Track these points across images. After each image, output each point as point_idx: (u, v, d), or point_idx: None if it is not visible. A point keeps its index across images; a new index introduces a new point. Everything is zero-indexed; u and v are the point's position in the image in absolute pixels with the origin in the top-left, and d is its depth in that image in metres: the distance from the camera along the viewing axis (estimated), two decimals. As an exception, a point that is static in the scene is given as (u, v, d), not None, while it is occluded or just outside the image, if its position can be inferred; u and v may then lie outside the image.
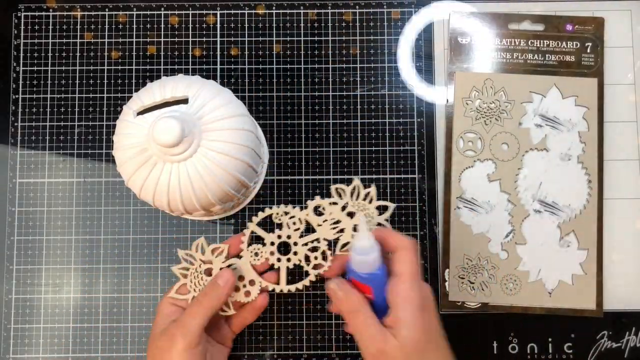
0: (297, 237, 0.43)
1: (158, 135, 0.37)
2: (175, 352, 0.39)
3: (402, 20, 0.53)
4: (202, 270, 0.43)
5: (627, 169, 0.51)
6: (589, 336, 0.50)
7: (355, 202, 0.43)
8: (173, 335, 0.39)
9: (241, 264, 0.43)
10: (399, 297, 0.37)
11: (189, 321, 0.40)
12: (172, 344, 0.39)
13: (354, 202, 0.43)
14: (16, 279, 0.50)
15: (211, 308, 0.40)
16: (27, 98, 0.52)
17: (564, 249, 0.50)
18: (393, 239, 0.38)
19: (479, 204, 0.50)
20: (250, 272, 0.43)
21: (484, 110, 0.51)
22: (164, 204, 0.40)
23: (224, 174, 0.40)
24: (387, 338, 0.36)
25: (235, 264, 0.43)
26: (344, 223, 0.43)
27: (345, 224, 0.43)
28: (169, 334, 0.40)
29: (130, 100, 0.42)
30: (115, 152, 0.41)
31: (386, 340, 0.36)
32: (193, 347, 0.39)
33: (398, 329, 0.36)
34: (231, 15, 0.53)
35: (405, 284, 0.37)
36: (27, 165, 0.51)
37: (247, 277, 0.43)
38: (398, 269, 0.37)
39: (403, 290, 0.37)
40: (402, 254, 0.38)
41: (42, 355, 0.50)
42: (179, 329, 0.39)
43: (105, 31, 0.53)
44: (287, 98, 0.52)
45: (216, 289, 0.41)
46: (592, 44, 0.51)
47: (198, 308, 0.40)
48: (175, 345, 0.39)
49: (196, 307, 0.40)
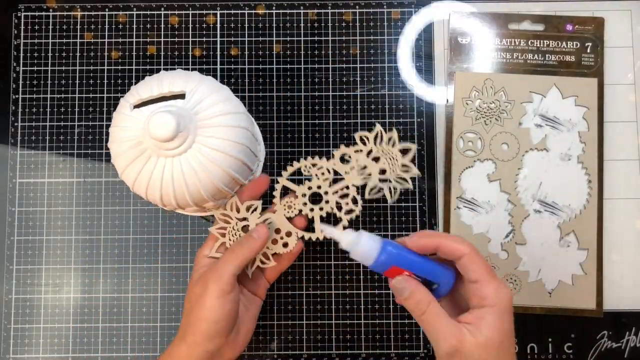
0: (326, 186, 0.45)
1: (153, 129, 0.37)
2: (209, 298, 0.40)
3: (402, 20, 0.53)
4: (240, 228, 0.45)
5: (627, 169, 0.51)
6: (589, 336, 0.50)
7: (379, 147, 0.45)
8: (206, 280, 0.41)
9: (275, 218, 0.45)
10: (487, 299, 0.36)
11: (222, 267, 0.41)
12: (205, 289, 0.40)
13: (378, 147, 0.45)
14: (16, 279, 0.50)
15: (244, 257, 0.42)
16: (27, 98, 0.52)
17: (564, 249, 0.50)
18: (449, 247, 0.38)
19: (479, 204, 0.50)
20: (286, 224, 0.45)
21: (484, 110, 0.51)
22: (157, 198, 0.41)
23: (218, 170, 0.40)
24: (463, 334, 0.36)
25: (271, 218, 0.45)
26: (370, 168, 0.45)
27: (371, 168, 0.45)
28: (203, 279, 0.41)
29: (127, 93, 0.42)
30: (110, 144, 0.41)
31: (463, 336, 0.36)
32: (226, 294, 0.40)
33: (479, 327, 0.36)
34: (231, 15, 0.53)
35: (492, 284, 0.37)
36: (27, 165, 0.51)
37: (283, 229, 0.45)
38: (472, 276, 0.37)
39: (491, 290, 0.37)
40: (468, 259, 0.37)
41: (42, 355, 0.50)
42: (213, 274, 0.41)
43: (105, 31, 0.53)
44: (287, 98, 0.52)
45: (251, 241, 0.42)
46: (592, 44, 0.51)
47: (231, 256, 0.42)
48: (208, 291, 0.40)
49: (229, 255, 0.42)
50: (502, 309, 0.36)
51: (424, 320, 0.38)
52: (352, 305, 0.50)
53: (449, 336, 0.36)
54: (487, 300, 0.36)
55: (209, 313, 0.40)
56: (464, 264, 0.37)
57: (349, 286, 0.50)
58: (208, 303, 0.40)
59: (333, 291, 0.50)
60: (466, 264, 0.37)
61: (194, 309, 0.41)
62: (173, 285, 0.50)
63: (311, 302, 0.50)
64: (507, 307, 0.37)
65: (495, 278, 0.37)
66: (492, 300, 0.36)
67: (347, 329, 0.50)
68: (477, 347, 0.36)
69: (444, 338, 0.36)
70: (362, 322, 0.50)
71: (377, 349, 0.50)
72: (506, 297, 0.37)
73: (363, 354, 0.50)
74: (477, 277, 0.37)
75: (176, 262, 0.51)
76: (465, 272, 0.37)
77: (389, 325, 0.50)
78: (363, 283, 0.50)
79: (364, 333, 0.50)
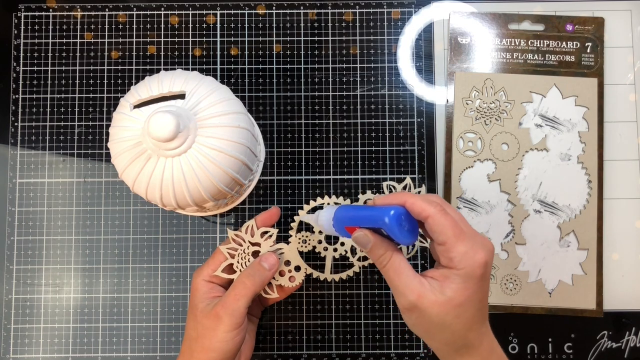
0: None
1: (153, 129, 0.37)
2: (221, 331, 0.41)
3: (402, 20, 0.53)
4: (250, 252, 0.45)
5: (627, 169, 0.51)
6: (589, 336, 0.50)
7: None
8: (219, 316, 0.41)
9: (288, 250, 0.45)
10: (453, 261, 0.35)
11: (234, 303, 0.41)
12: (218, 324, 0.41)
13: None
14: (16, 279, 0.50)
15: (254, 290, 0.42)
16: (27, 98, 0.52)
17: (564, 249, 0.50)
18: (414, 206, 0.36)
19: (479, 204, 0.50)
20: (297, 258, 0.45)
21: (484, 110, 0.51)
22: (157, 198, 0.41)
23: (218, 170, 0.40)
24: (424, 290, 0.35)
25: (283, 249, 0.45)
26: None
27: None
28: (214, 314, 0.41)
29: (127, 93, 0.42)
30: (110, 144, 0.41)
31: (423, 292, 0.35)
32: (238, 327, 0.41)
33: (442, 286, 0.35)
34: (231, 15, 0.53)
35: (459, 248, 0.35)
36: (27, 165, 0.51)
37: (293, 262, 0.45)
38: (438, 238, 0.36)
39: (457, 254, 0.35)
40: (433, 220, 0.36)
41: (42, 355, 0.50)
42: (225, 309, 0.41)
43: (105, 31, 0.53)
44: (287, 98, 0.52)
45: (262, 271, 0.43)
46: (592, 44, 0.51)
47: (243, 290, 0.42)
48: (222, 326, 0.41)
49: (241, 289, 0.42)
50: (468, 274, 0.35)
51: (385, 273, 0.37)
52: (352, 305, 0.50)
53: (408, 291, 0.36)
54: (453, 263, 0.35)
55: (220, 345, 0.41)
56: (429, 226, 0.36)
57: (349, 286, 0.50)
58: (220, 336, 0.41)
59: (333, 291, 0.50)
60: (431, 225, 0.36)
61: (203, 339, 0.41)
62: (173, 285, 0.50)
63: (311, 302, 0.50)
64: (474, 272, 0.35)
65: (465, 241, 0.35)
66: (457, 263, 0.35)
67: (347, 329, 0.50)
68: (435, 305, 0.35)
69: (404, 293, 0.36)
70: (362, 322, 0.50)
71: (377, 349, 0.50)
72: (475, 263, 0.35)
73: (363, 354, 0.50)
74: (443, 239, 0.35)
75: (176, 262, 0.51)
76: (432, 233, 0.36)
77: (389, 325, 0.50)
78: (363, 283, 0.50)
79: (364, 333, 0.50)
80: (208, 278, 0.44)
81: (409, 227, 0.36)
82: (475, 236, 0.36)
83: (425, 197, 0.36)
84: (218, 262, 0.44)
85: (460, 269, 0.35)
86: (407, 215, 0.36)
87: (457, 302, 0.35)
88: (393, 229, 0.35)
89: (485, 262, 0.35)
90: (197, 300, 0.43)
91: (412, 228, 0.36)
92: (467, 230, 0.36)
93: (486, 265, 0.35)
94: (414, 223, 0.37)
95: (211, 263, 0.45)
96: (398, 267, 0.36)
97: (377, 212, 0.36)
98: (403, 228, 0.36)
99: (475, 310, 0.36)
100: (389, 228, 0.35)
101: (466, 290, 0.35)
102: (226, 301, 0.41)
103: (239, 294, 0.41)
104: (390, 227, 0.35)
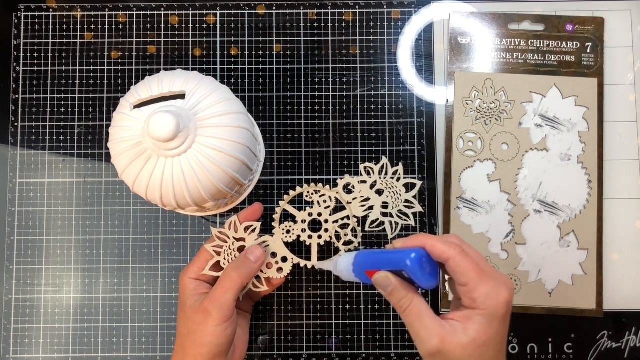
0: (327, 214, 0.45)
1: (153, 130, 0.37)
2: (211, 325, 0.41)
3: (402, 20, 0.53)
4: (236, 248, 0.45)
5: (627, 169, 0.51)
6: (589, 336, 0.50)
7: (384, 180, 0.45)
8: (207, 310, 0.41)
9: (273, 241, 0.45)
10: (476, 302, 0.35)
11: (222, 296, 0.41)
12: (207, 318, 0.41)
13: (382, 180, 0.45)
14: (16, 279, 0.50)
15: (242, 282, 0.42)
16: (27, 98, 0.52)
17: (564, 249, 0.50)
18: (434, 250, 0.36)
19: (479, 204, 0.50)
20: (283, 249, 0.45)
21: (484, 110, 0.51)
22: (157, 198, 0.41)
23: (218, 171, 0.40)
24: (446, 333, 0.35)
25: (268, 241, 0.45)
26: (372, 200, 0.45)
27: (374, 201, 0.45)
28: (203, 309, 0.41)
29: (127, 93, 0.42)
30: (110, 144, 0.41)
31: (446, 335, 0.35)
32: (228, 319, 0.41)
33: (465, 327, 0.35)
34: (231, 15, 0.53)
35: (482, 288, 0.35)
36: (27, 165, 0.51)
37: (279, 254, 0.45)
38: (460, 279, 0.36)
39: (480, 294, 0.35)
40: (454, 262, 0.36)
41: (42, 355, 0.50)
42: (213, 303, 0.41)
43: (105, 31, 0.53)
44: (287, 98, 0.52)
45: (248, 263, 0.43)
46: (592, 44, 0.51)
47: (229, 283, 0.42)
48: (211, 319, 0.41)
49: (227, 282, 0.42)
50: (492, 314, 0.35)
51: (406, 317, 0.37)
52: (352, 305, 0.50)
53: (431, 335, 0.35)
54: (476, 303, 0.35)
55: (211, 338, 0.41)
56: (450, 268, 0.36)
57: (349, 286, 0.50)
58: (210, 330, 0.41)
59: (333, 291, 0.50)
60: (453, 267, 0.36)
61: (194, 335, 0.41)
62: (173, 285, 0.50)
63: (311, 302, 0.50)
64: (499, 312, 0.35)
65: (487, 281, 0.35)
66: (481, 304, 0.35)
67: (347, 329, 0.50)
68: (459, 347, 0.35)
69: (427, 337, 0.36)
70: (362, 322, 0.50)
71: (377, 349, 0.50)
72: (499, 303, 0.35)
73: (363, 354, 0.50)
74: (465, 281, 0.36)
75: (176, 262, 0.51)
76: (453, 275, 0.36)
77: (389, 325, 0.50)
78: (363, 283, 0.50)
79: (364, 333, 0.50)
80: (195, 276, 0.44)
81: (430, 270, 0.37)
82: (496, 275, 0.36)
83: (444, 239, 0.37)
84: (204, 260, 0.44)
85: (484, 309, 0.35)
86: (427, 257, 0.37)
87: (481, 342, 0.35)
88: (415, 271, 0.36)
89: (508, 301, 0.36)
90: (186, 297, 0.43)
91: (433, 270, 0.37)
92: (488, 270, 0.36)
93: (509, 304, 0.36)
94: (435, 265, 0.37)
95: (197, 261, 0.44)
96: (419, 311, 0.36)
97: (399, 255, 0.37)
98: (425, 270, 0.36)
99: (498, 349, 0.36)
100: (411, 270, 0.36)
101: (489, 329, 0.35)
102: (214, 295, 0.41)
103: (225, 287, 0.41)
104: (412, 270, 0.36)
